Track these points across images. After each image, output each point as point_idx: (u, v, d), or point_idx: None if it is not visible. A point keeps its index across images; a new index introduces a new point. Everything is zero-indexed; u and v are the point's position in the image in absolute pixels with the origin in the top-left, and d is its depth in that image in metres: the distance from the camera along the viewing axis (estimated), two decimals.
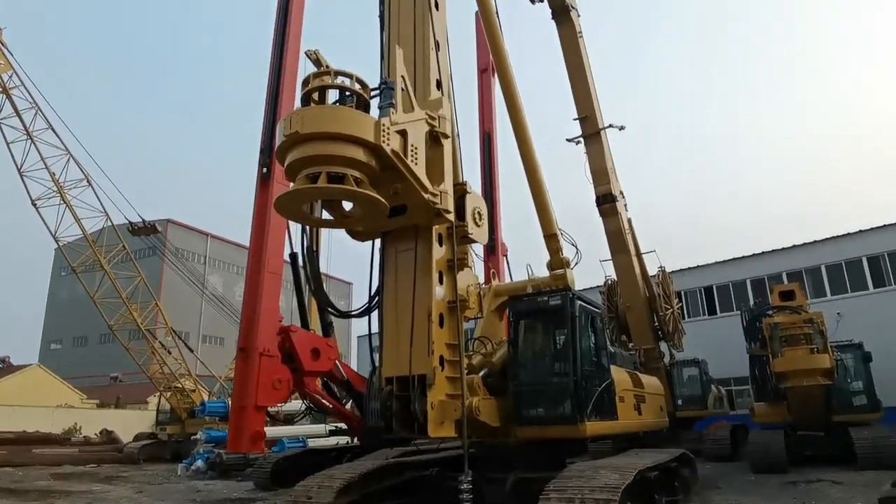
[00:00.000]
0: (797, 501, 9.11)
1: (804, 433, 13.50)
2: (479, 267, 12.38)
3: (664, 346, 17.27)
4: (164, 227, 43.87)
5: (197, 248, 57.88)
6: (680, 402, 17.49)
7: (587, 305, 8.80)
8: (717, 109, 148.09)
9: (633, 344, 16.92)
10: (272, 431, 17.39)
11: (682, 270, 26.69)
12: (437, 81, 7.89)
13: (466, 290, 7.79)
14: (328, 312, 13.09)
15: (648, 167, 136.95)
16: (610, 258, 16.77)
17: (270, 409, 14.25)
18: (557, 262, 10.53)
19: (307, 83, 6.56)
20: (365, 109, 6.50)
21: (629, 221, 16.77)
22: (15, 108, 21.28)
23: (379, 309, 7.59)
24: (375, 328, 7.58)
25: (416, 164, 6.53)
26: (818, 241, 24.79)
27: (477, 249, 11.45)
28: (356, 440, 14.67)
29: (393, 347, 7.17)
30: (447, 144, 7.27)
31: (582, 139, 16.44)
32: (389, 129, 6.19)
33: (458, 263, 7.47)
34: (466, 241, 7.91)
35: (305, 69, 13.54)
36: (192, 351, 27.61)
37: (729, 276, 27.01)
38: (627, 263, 16.47)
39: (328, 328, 13.54)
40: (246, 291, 12.84)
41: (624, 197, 16.78)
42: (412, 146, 6.51)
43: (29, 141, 21.55)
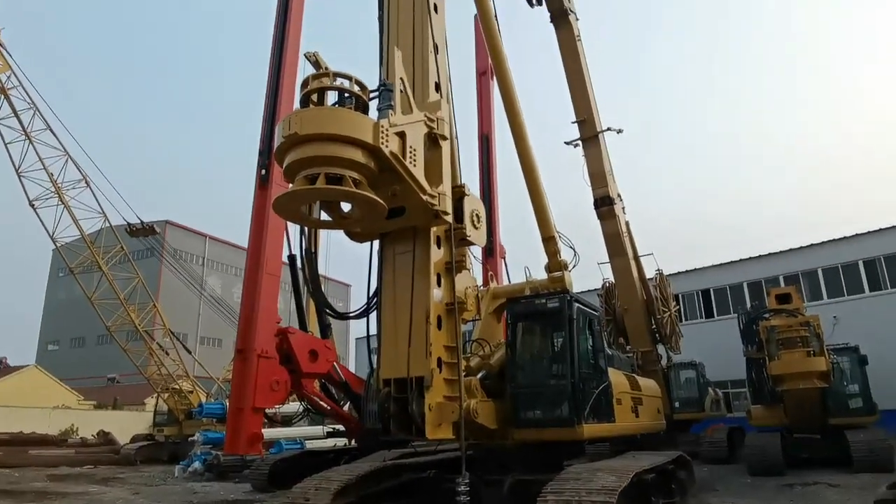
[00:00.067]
0: None
1: (801, 436, 13.53)
2: (477, 269, 12.39)
3: (661, 348, 17.32)
4: (162, 228, 43.89)
5: (195, 249, 57.83)
6: (677, 404, 17.52)
7: (585, 308, 8.82)
8: (716, 110, 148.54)
9: (630, 346, 16.94)
10: (270, 433, 17.40)
11: (679, 273, 26.77)
12: (435, 84, 7.91)
13: (464, 292, 7.79)
14: (326, 314, 13.09)
15: (647, 169, 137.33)
16: (608, 261, 16.84)
17: (268, 410, 14.26)
18: (555, 264, 10.57)
19: (306, 85, 6.57)
20: (364, 111, 6.51)
21: (627, 224, 16.84)
22: (13, 108, 21.26)
23: (377, 311, 7.59)
24: (374, 330, 7.58)
25: (414, 165, 6.54)
26: (815, 244, 24.90)
27: (475, 251, 11.46)
28: (354, 442, 14.67)
29: (391, 349, 7.17)
30: (446, 146, 7.29)
31: (580, 142, 16.52)
32: (388, 130, 6.21)
33: (456, 265, 7.48)
34: (465, 243, 7.92)
35: (304, 71, 13.59)
36: (189, 352, 27.61)
37: (726, 279, 27.09)
38: (625, 266, 16.53)
39: (326, 330, 13.54)
40: (244, 293, 12.88)
41: (622, 200, 16.86)
42: (411, 148, 6.52)
43: (27, 141, 21.54)
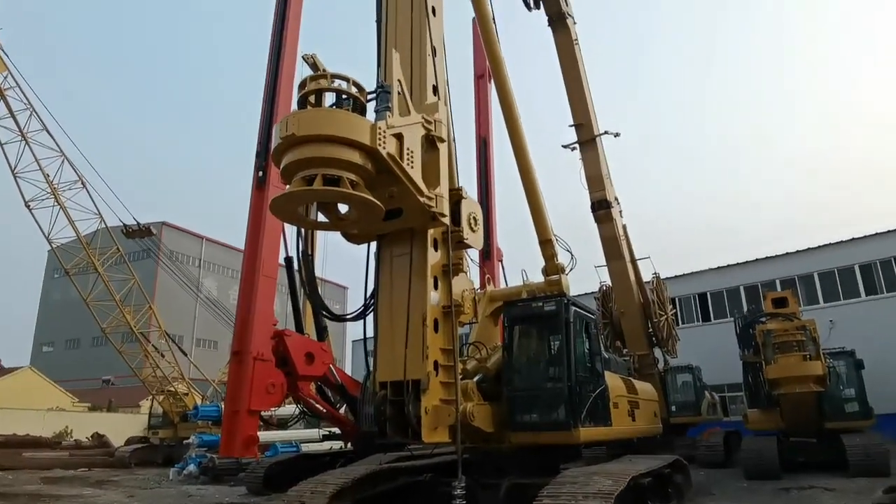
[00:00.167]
0: None
1: (797, 440, 13.53)
2: (474, 272, 12.39)
3: (658, 352, 17.32)
4: (158, 229, 43.73)
5: (192, 250, 57.74)
6: (674, 408, 17.52)
7: (582, 311, 8.82)
8: (713, 114, 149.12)
9: (627, 350, 16.96)
10: (265, 436, 17.32)
11: (676, 277, 26.79)
12: (433, 87, 7.91)
13: (461, 295, 7.78)
14: (323, 316, 13.06)
15: (644, 172, 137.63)
16: (605, 264, 16.86)
17: (264, 413, 14.21)
18: (552, 267, 10.58)
19: (304, 86, 6.55)
20: (361, 113, 6.50)
21: (624, 228, 16.86)
22: (9, 109, 21.18)
23: (374, 313, 7.57)
24: (370, 332, 7.56)
25: (411, 167, 6.53)
26: (811, 248, 24.98)
27: (472, 254, 11.47)
28: (350, 445, 14.62)
29: (387, 352, 7.15)
30: (443, 148, 7.28)
31: (577, 145, 16.54)
32: (385, 132, 6.19)
33: (453, 268, 7.47)
34: (462, 246, 7.90)
35: (302, 73, 13.60)
36: (185, 354, 27.53)
37: (723, 282, 27.13)
38: (622, 269, 16.54)
39: (323, 332, 13.52)
40: (240, 295, 12.83)
41: (619, 203, 16.89)
42: (408, 149, 6.51)
43: (23, 142, 21.46)
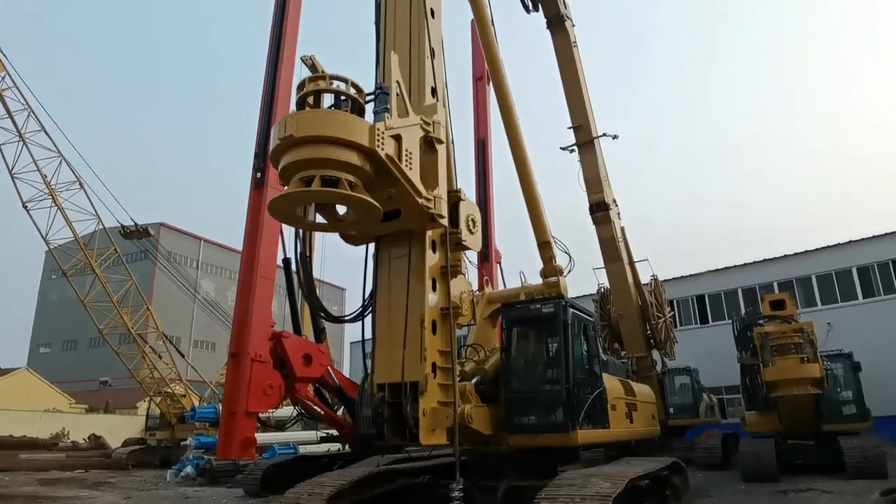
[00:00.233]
0: None
1: (794, 442, 13.56)
2: (472, 274, 12.39)
3: (656, 354, 17.32)
4: (156, 230, 43.67)
5: (189, 252, 57.64)
6: (672, 410, 17.53)
7: (580, 313, 8.83)
8: (712, 116, 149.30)
9: (625, 352, 16.95)
10: (263, 438, 17.26)
11: (674, 279, 26.80)
12: (432, 88, 7.91)
13: (460, 296, 7.78)
14: (321, 318, 13.03)
15: (642, 174, 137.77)
16: (603, 266, 16.86)
17: (261, 415, 14.14)
18: (551, 269, 10.57)
19: (302, 87, 6.55)
20: (360, 114, 6.50)
21: (622, 230, 16.86)
22: (7, 109, 21.09)
23: (372, 315, 7.56)
24: (368, 334, 7.55)
25: (410, 168, 6.53)
26: (809, 251, 25.02)
27: (470, 256, 11.47)
28: (347, 447, 14.58)
29: (385, 353, 7.14)
30: (441, 150, 7.29)
31: (576, 147, 16.55)
32: (384, 133, 6.19)
33: (451, 270, 7.47)
34: (460, 247, 7.91)
35: (301, 74, 13.58)
36: (183, 356, 27.43)
37: (721, 285, 27.16)
38: (620, 271, 16.55)
39: (320, 334, 13.47)
40: (238, 296, 12.77)
41: (617, 205, 16.90)
42: (406, 151, 6.52)
43: (21, 143, 21.41)
